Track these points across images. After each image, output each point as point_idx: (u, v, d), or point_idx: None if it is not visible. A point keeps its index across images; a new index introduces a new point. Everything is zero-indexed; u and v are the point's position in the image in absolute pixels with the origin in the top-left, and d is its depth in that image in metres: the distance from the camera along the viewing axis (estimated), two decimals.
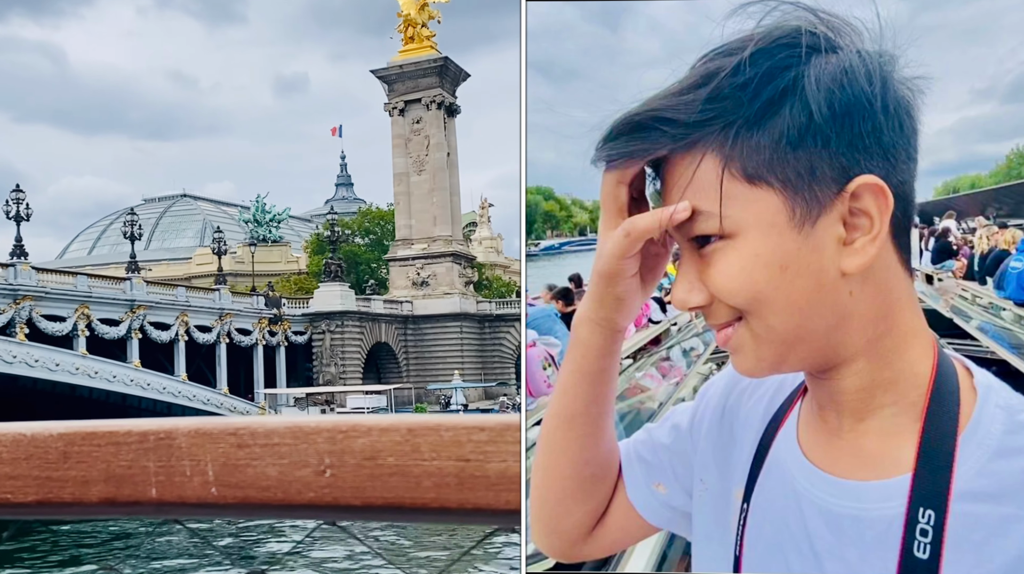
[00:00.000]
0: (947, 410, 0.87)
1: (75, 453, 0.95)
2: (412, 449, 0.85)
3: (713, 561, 1.05)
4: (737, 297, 0.86)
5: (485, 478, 0.84)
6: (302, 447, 0.88)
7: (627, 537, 1.19)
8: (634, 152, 0.88)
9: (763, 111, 0.83)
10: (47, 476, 0.95)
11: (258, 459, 0.89)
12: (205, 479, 0.91)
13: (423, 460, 0.85)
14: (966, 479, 0.84)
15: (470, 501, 0.84)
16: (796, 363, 0.91)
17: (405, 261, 54.22)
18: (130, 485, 0.93)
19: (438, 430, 0.85)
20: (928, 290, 1.89)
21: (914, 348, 0.89)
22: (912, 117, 0.86)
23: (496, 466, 0.84)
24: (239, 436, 0.90)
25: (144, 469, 0.93)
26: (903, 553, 0.85)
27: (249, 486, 0.90)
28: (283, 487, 0.89)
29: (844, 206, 0.84)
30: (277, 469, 0.89)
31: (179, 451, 0.92)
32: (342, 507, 0.88)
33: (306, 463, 0.88)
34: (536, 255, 1.63)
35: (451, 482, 0.84)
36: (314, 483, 0.88)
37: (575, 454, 1.07)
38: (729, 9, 0.87)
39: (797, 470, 0.96)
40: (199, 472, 0.91)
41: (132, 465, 0.93)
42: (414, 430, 0.86)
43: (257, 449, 0.90)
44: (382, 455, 0.86)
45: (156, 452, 0.93)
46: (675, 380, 2.52)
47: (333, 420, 0.89)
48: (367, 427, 0.87)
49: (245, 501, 0.90)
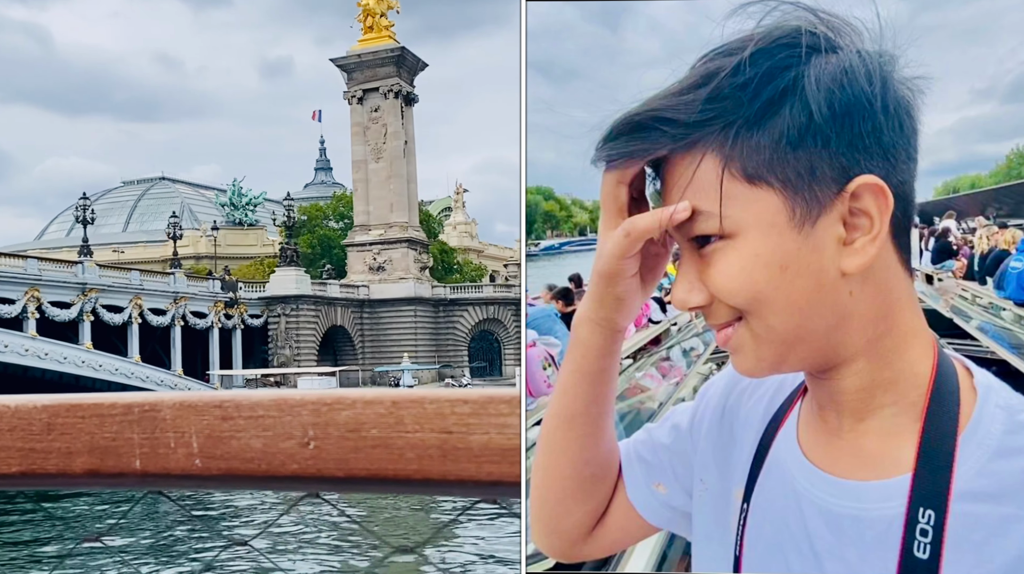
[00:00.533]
0: (947, 410, 0.87)
1: (59, 425, 0.95)
2: (396, 421, 0.86)
3: (713, 561, 1.05)
4: (737, 297, 0.86)
5: (468, 450, 0.84)
6: (286, 419, 0.89)
7: (627, 537, 1.19)
8: (634, 152, 0.88)
9: (763, 111, 0.83)
10: (31, 447, 0.96)
11: (242, 431, 0.90)
12: (189, 451, 0.91)
13: (406, 432, 0.86)
14: (966, 479, 0.84)
15: (452, 473, 0.85)
16: (796, 363, 0.91)
17: (362, 246, 55.61)
18: (114, 456, 0.94)
19: (421, 403, 0.86)
20: (928, 290, 1.89)
21: (914, 348, 0.89)
22: (912, 117, 0.86)
23: (479, 438, 0.84)
24: (224, 409, 0.91)
25: (128, 441, 0.93)
26: (903, 553, 0.85)
27: (233, 458, 0.90)
28: (267, 459, 0.89)
29: (844, 206, 0.84)
30: (261, 441, 0.89)
31: (163, 423, 0.92)
32: (326, 478, 0.88)
33: (290, 435, 0.89)
34: (536, 255, 1.63)
35: (434, 454, 0.85)
36: (298, 455, 0.88)
37: (575, 454, 1.07)
38: (729, 9, 0.87)
39: (797, 470, 0.96)
40: (183, 444, 0.92)
41: (116, 437, 0.94)
42: (398, 403, 0.87)
43: (241, 421, 0.90)
44: (366, 427, 0.87)
45: (140, 424, 0.93)
46: (675, 380, 2.52)
47: (318, 393, 0.90)
48: (351, 400, 0.88)
49: (229, 472, 0.91)
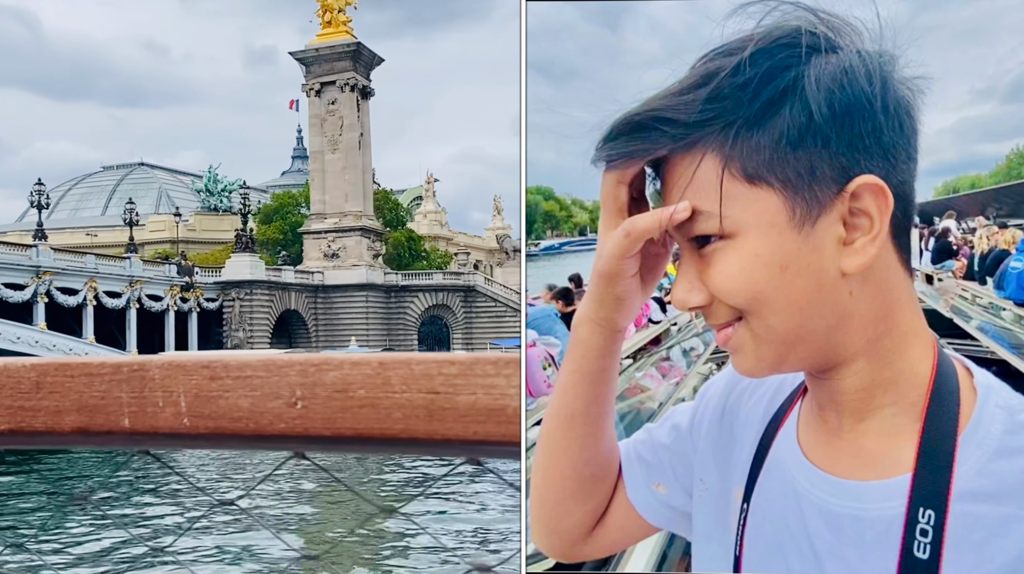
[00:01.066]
0: (947, 410, 0.87)
1: (48, 383, 0.96)
2: (383, 382, 0.87)
3: (713, 561, 1.05)
4: (737, 297, 0.86)
5: (454, 410, 0.85)
6: (274, 380, 0.90)
7: (627, 537, 1.19)
8: (634, 152, 0.88)
9: (763, 111, 0.83)
10: (19, 406, 0.97)
11: (230, 391, 0.91)
12: (178, 410, 0.92)
13: (393, 392, 0.86)
14: (966, 479, 0.84)
15: (439, 432, 0.86)
16: (796, 363, 0.91)
17: (318, 234, 57.74)
18: (103, 415, 0.95)
19: (409, 364, 0.87)
20: (928, 290, 1.89)
21: (914, 348, 0.89)
22: (912, 117, 0.86)
23: (465, 399, 0.85)
24: (212, 369, 0.92)
25: (117, 400, 0.94)
26: (903, 553, 0.85)
27: (221, 417, 0.91)
28: (255, 418, 0.90)
29: (844, 206, 0.84)
30: (249, 401, 0.90)
31: (152, 383, 0.93)
32: (312, 438, 0.89)
33: (278, 395, 0.90)
34: (536, 255, 1.63)
35: (420, 414, 0.86)
36: (285, 414, 0.89)
37: (575, 454, 1.07)
38: (729, 9, 0.87)
39: (797, 470, 0.96)
40: (172, 403, 0.92)
41: (105, 396, 0.95)
42: (385, 364, 0.87)
43: (230, 381, 0.91)
44: (353, 388, 0.88)
45: (129, 383, 0.94)
46: (675, 380, 2.52)
47: (305, 355, 0.91)
48: (339, 361, 0.89)
49: (217, 431, 0.91)
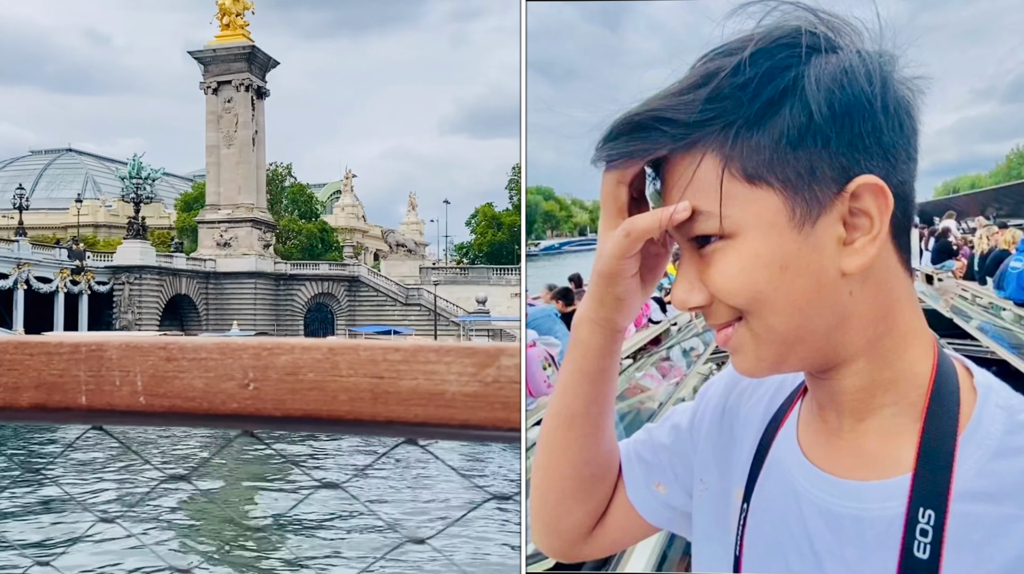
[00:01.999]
0: (947, 410, 0.87)
1: (7, 361, 0.99)
2: (331, 366, 0.92)
3: (713, 561, 1.05)
4: (737, 297, 0.86)
5: (397, 394, 0.90)
6: (228, 362, 0.94)
7: (627, 537, 1.19)
8: (634, 152, 0.88)
9: (763, 111, 0.83)
10: None
11: (185, 372, 0.95)
12: (134, 389, 0.96)
13: (340, 376, 0.91)
14: (966, 479, 0.84)
15: (382, 414, 0.91)
16: (796, 363, 0.91)
17: (211, 224, 61.80)
18: (60, 392, 0.98)
19: (356, 350, 0.92)
20: (928, 290, 1.89)
21: (914, 348, 0.89)
22: (912, 117, 0.86)
23: (408, 383, 0.90)
24: (168, 350, 0.96)
25: (75, 378, 0.97)
26: (903, 553, 0.85)
27: (176, 396, 0.95)
28: (208, 398, 0.94)
29: (844, 206, 0.84)
30: (203, 381, 0.95)
31: (109, 362, 0.97)
32: (263, 417, 0.94)
33: (231, 377, 0.94)
34: (536, 255, 1.63)
35: (365, 397, 0.91)
36: (238, 395, 0.94)
37: (575, 454, 1.07)
38: (729, 9, 0.87)
39: (797, 470, 0.96)
40: (128, 382, 0.96)
41: (63, 374, 0.98)
42: (334, 349, 0.93)
43: (185, 362, 0.95)
44: (303, 371, 0.92)
45: (87, 362, 0.97)
46: (675, 380, 2.52)
47: (258, 339, 0.95)
48: (290, 346, 0.94)
49: (172, 410, 0.96)
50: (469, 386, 0.92)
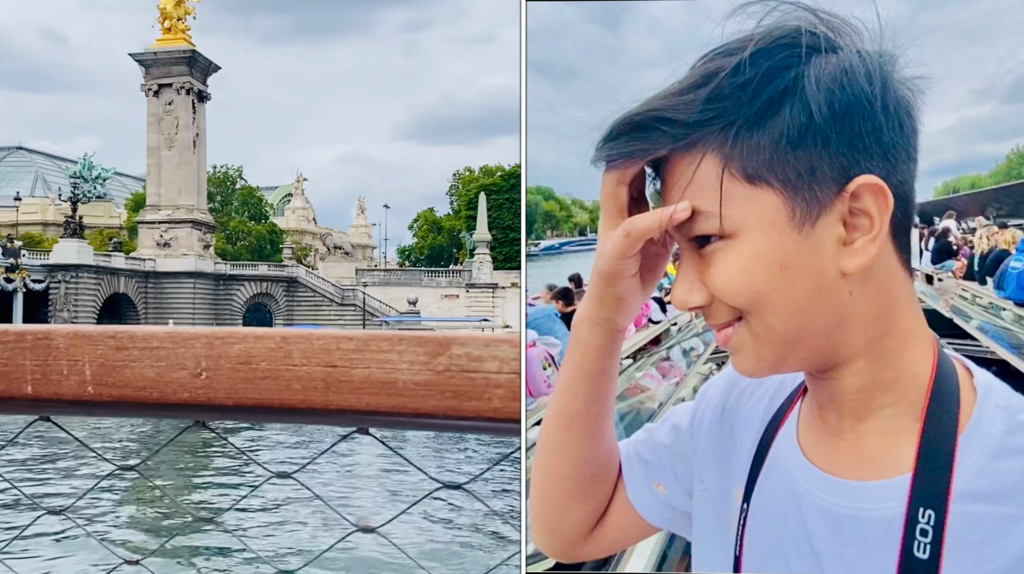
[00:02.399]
0: (947, 410, 0.87)
1: None
2: (284, 355, 0.92)
3: (713, 561, 1.05)
4: (737, 297, 0.86)
5: (349, 382, 0.91)
6: (180, 351, 0.94)
7: (627, 537, 1.19)
8: (634, 152, 0.88)
9: (763, 111, 0.83)
10: None
11: (136, 361, 0.94)
12: (82, 378, 0.95)
13: (294, 365, 0.92)
14: (966, 479, 0.84)
15: (334, 403, 0.91)
16: (796, 363, 0.91)
17: (152, 224, 63.30)
18: (4, 381, 0.97)
19: (309, 339, 0.92)
20: (928, 290, 1.89)
21: (914, 348, 0.89)
22: (912, 117, 0.86)
23: (361, 372, 0.91)
24: (118, 339, 0.95)
25: (20, 367, 0.96)
26: (903, 553, 0.85)
27: (126, 386, 0.94)
28: (159, 387, 0.94)
29: (844, 206, 0.84)
30: (154, 371, 0.94)
31: (57, 351, 0.96)
32: (215, 407, 0.94)
33: (183, 366, 0.93)
34: (536, 255, 1.63)
35: (318, 385, 0.91)
36: (189, 384, 0.93)
37: (575, 454, 1.07)
38: (729, 9, 0.87)
39: (797, 470, 0.96)
40: (76, 371, 0.95)
41: (8, 363, 0.97)
42: (287, 338, 0.93)
43: (136, 352, 0.94)
44: (256, 360, 0.92)
45: (33, 351, 0.96)
46: (675, 380, 2.52)
47: (211, 329, 0.95)
48: (243, 335, 0.94)
49: (121, 399, 0.95)
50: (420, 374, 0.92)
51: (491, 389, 0.94)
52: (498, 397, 0.94)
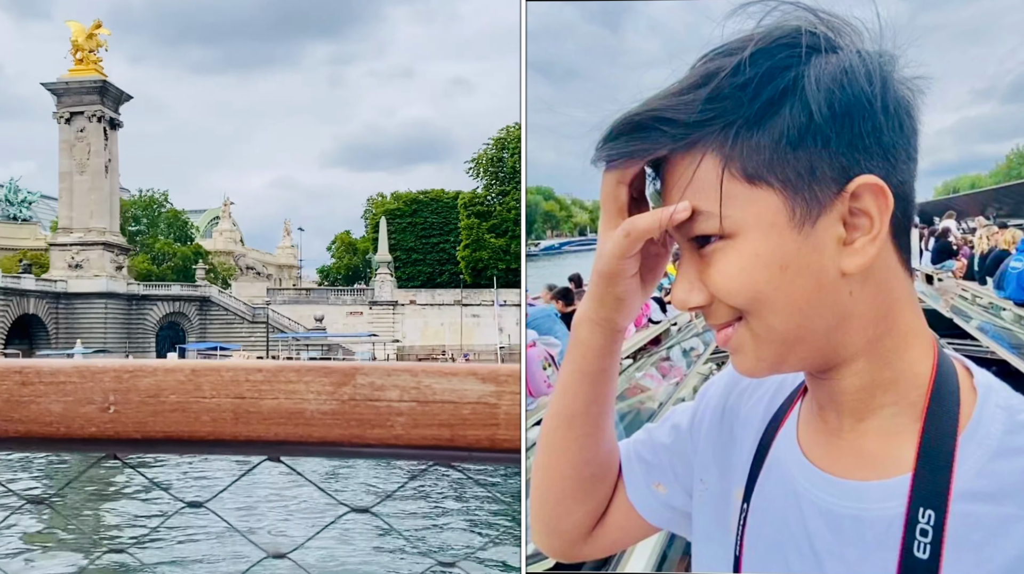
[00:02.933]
0: (947, 410, 0.87)
1: None
2: (194, 387, 0.94)
3: (713, 561, 1.05)
4: (737, 297, 0.86)
5: (258, 413, 0.93)
6: (88, 386, 0.95)
7: (627, 537, 1.19)
8: (634, 152, 0.88)
9: (763, 111, 0.83)
10: None
11: (43, 396, 0.95)
12: None
13: (203, 397, 0.94)
14: (966, 479, 0.84)
15: (243, 434, 0.93)
16: (796, 363, 0.91)
17: (63, 246, 65.02)
18: None
19: (219, 371, 0.94)
20: (928, 290, 1.89)
21: (914, 348, 0.89)
22: (912, 117, 0.86)
23: (269, 403, 0.93)
24: (24, 374, 0.96)
25: None
26: (903, 553, 0.85)
27: (32, 421, 0.95)
28: (66, 422, 0.95)
29: (844, 206, 0.84)
30: (61, 405, 0.95)
31: None
32: (123, 440, 0.95)
33: (91, 400, 0.94)
34: (536, 255, 1.63)
35: (227, 417, 0.93)
36: (97, 419, 0.94)
37: (575, 454, 1.07)
38: (729, 9, 0.87)
39: (797, 470, 0.96)
40: None
41: None
42: (197, 371, 0.95)
43: (42, 386, 0.95)
44: (165, 393, 0.94)
45: None
46: (675, 380, 2.51)
47: (120, 362, 0.96)
48: (152, 368, 0.95)
49: (28, 434, 0.96)
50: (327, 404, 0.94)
51: (393, 417, 0.97)
52: (400, 424, 0.97)
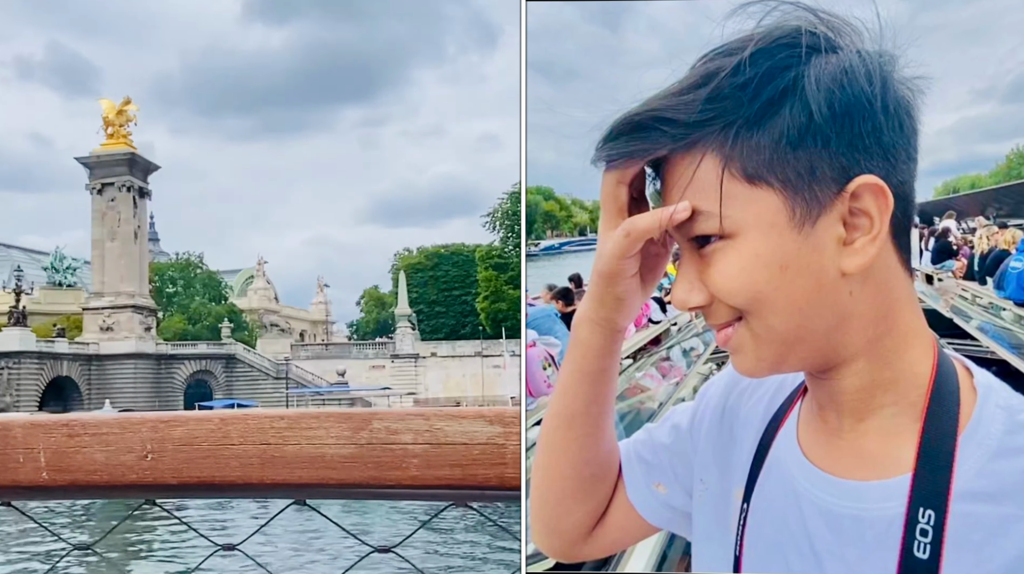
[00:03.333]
0: (947, 410, 0.87)
1: None
2: (223, 436, 1.00)
3: (713, 561, 1.05)
4: (737, 297, 0.86)
5: (283, 458, 0.99)
6: (128, 436, 1.01)
7: (627, 537, 1.19)
8: (634, 152, 0.88)
9: (763, 111, 0.83)
10: None
11: (87, 447, 1.02)
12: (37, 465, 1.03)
13: (232, 444, 1.00)
14: (966, 479, 0.84)
15: (269, 478, 1.00)
16: (796, 363, 0.91)
17: (96, 310, 67.81)
18: None
19: (245, 419, 1.00)
20: (928, 290, 1.89)
21: (914, 348, 0.89)
22: (912, 117, 0.86)
23: (292, 448, 0.99)
24: (71, 427, 1.03)
25: None
26: (903, 553, 0.85)
27: (78, 470, 1.02)
28: (108, 470, 1.02)
29: (844, 206, 0.84)
30: (104, 455, 1.02)
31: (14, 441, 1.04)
32: (161, 486, 1.02)
33: (131, 449, 1.02)
34: (536, 255, 1.63)
35: (255, 462, 1.00)
36: (136, 466, 1.01)
37: (575, 454, 1.07)
38: (729, 9, 0.87)
39: (797, 470, 0.96)
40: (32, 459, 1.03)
41: None
42: (225, 420, 1.01)
43: (87, 438, 1.03)
44: (197, 441, 1.01)
45: None
46: (675, 380, 2.51)
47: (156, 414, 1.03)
48: (185, 418, 1.02)
49: (74, 483, 1.03)
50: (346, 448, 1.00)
51: (408, 459, 1.03)
52: (415, 466, 1.03)
